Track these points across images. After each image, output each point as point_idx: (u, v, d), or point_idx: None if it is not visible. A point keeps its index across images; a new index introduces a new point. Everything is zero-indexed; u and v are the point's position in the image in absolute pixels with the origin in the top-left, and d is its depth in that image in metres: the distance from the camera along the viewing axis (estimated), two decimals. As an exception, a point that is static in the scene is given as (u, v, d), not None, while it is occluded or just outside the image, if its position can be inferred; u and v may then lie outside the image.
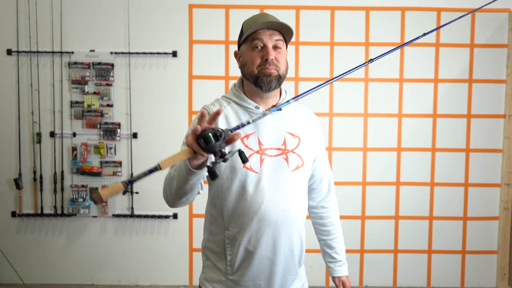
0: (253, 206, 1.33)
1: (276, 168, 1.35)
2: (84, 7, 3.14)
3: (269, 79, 1.34)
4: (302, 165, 1.40)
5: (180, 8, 3.14)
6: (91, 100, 3.14)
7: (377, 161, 3.21)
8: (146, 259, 3.25)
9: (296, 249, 1.41)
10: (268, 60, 1.34)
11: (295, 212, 1.38)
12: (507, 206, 3.19)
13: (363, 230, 3.24)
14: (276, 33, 1.37)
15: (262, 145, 1.36)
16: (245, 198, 1.34)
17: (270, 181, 1.34)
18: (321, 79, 3.16)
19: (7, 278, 3.22)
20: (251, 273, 1.37)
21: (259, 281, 1.38)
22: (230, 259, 1.38)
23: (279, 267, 1.38)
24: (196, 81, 3.18)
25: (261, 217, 1.33)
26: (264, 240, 1.34)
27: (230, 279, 1.39)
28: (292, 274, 1.43)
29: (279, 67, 1.36)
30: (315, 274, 3.10)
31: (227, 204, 1.37)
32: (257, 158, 1.34)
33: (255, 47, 1.36)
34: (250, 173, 1.33)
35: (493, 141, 3.22)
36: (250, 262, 1.36)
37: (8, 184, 3.20)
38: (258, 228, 1.33)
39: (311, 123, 1.49)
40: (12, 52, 3.12)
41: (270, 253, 1.36)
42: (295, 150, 1.39)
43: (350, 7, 3.15)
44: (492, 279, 3.28)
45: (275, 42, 1.36)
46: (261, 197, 1.33)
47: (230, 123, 1.36)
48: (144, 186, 3.15)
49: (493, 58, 3.17)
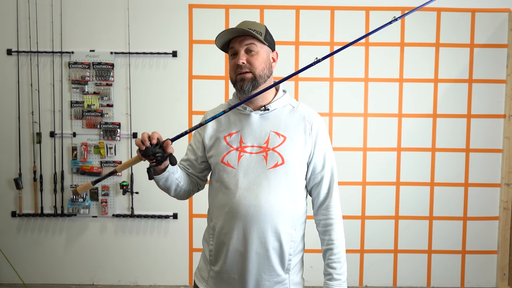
0: (227, 199, 1.41)
1: (253, 165, 1.41)
2: (84, 7, 3.14)
3: (242, 83, 1.44)
4: (282, 163, 1.40)
5: (180, 8, 3.14)
6: (91, 100, 3.14)
7: (377, 161, 3.21)
8: (146, 259, 3.25)
9: (272, 249, 1.40)
10: (239, 64, 1.43)
11: (271, 209, 1.38)
12: (507, 206, 3.19)
13: (363, 230, 3.24)
14: (248, 38, 1.44)
15: (243, 143, 1.44)
16: (222, 191, 1.44)
17: (245, 176, 1.40)
18: (321, 79, 3.16)
19: (7, 278, 3.22)
20: (226, 265, 1.43)
21: (233, 274, 1.43)
22: (211, 248, 1.47)
23: (252, 264, 1.40)
24: (196, 81, 3.18)
25: (233, 209, 1.40)
26: (235, 233, 1.40)
27: (213, 269, 1.48)
28: (270, 274, 1.42)
29: (254, 68, 1.43)
30: (315, 274, 3.08)
31: (211, 196, 1.51)
32: (235, 155, 1.43)
33: (231, 55, 1.48)
34: (227, 168, 1.43)
35: (493, 141, 3.22)
36: (225, 254, 1.43)
37: (8, 184, 3.20)
38: (230, 219, 1.41)
39: (307, 124, 1.47)
40: (12, 52, 3.12)
41: (241, 247, 1.40)
42: (276, 148, 1.41)
43: (350, 7, 3.15)
44: (492, 279, 3.28)
45: (247, 46, 1.44)
46: (235, 190, 1.40)
47: (219, 124, 1.50)
48: (144, 186, 3.15)
49: (493, 58, 3.17)
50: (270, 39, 1.50)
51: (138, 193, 3.17)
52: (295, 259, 1.46)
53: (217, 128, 1.49)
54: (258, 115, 1.46)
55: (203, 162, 1.55)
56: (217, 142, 1.47)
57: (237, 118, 1.48)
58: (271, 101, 1.48)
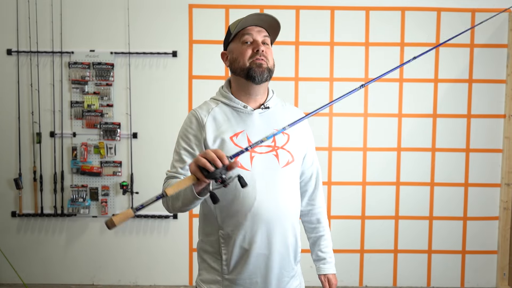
0: (246, 204, 1.34)
1: (266, 165, 1.37)
2: (84, 7, 3.14)
3: (261, 69, 1.38)
4: (292, 161, 1.41)
5: (180, 8, 3.14)
6: (91, 100, 3.14)
7: (377, 161, 3.21)
8: (146, 259, 3.25)
9: (291, 246, 1.41)
10: (259, 51, 1.38)
11: (288, 208, 1.39)
12: (507, 206, 3.19)
13: (363, 230, 3.24)
14: (264, 31, 1.44)
15: (251, 143, 1.33)
16: (237, 196, 1.34)
17: (262, 177, 1.35)
18: (321, 79, 3.16)
19: (7, 278, 3.22)
20: (248, 271, 1.37)
21: (255, 278, 1.38)
22: (226, 258, 1.39)
23: (275, 264, 1.39)
24: (196, 81, 3.18)
25: (254, 214, 1.33)
26: (258, 237, 1.35)
27: (227, 278, 1.39)
28: (288, 270, 1.43)
29: (268, 61, 1.41)
30: (315, 274, 3.08)
31: (221, 203, 1.35)
32: (247, 156, 1.35)
33: (245, 42, 1.41)
34: (241, 171, 1.33)
35: (493, 141, 3.22)
36: (246, 260, 1.36)
37: (8, 184, 3.20)
38: (252, 225, 1.34)
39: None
40: (12, 52, 3.12)
41: (265, 250, 1.36)
42: (285, 146, 1.41)
43: (350, 7, 3.15)
44: (492, 279, 3.28)
45: (264, 38, 1.43)
46: (254, 193, 1.33)
47: (218, 124, 1.39)
48: (144, 186, 3.15)
49: (493, 58, 3.17)
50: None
51: (138, 193, 3.17)
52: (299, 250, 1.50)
53: (217, 128, 1.39)
54: (259, 113, 1.43)
55: None
56: (222, 143, 1.36)
57: (238, 117, 1.41)
58: (267, 100, 1.47)
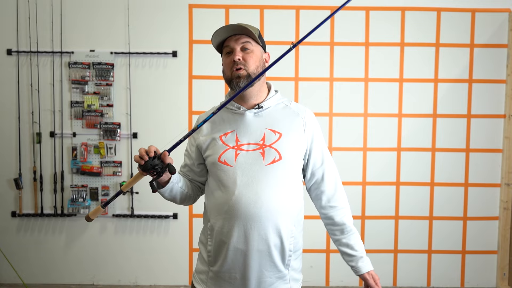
0: (226, 197, 1.40)
1: (250, 162, 1.41)
2: (84, 7, 3.14)
3: (238, 80, 1.44)
4: (280, 159, 1.42)
5: (180, 8, 3.14)
6: (91, 100, 3.14)
7: (377, 161, 3.21)
8: (146, 259, 3.25)
9: (274, 245, 1.40)
10: (235, 60, 1.44)
11: (271, 205, 1.39)
12: (507, 206, 3.19)
13: (363, 230, 3.24)
14: (243, 36, 1.47)
15: (239, 142, 1.45)
16: (220, 189, 1.43)
17: (243, 174, 1.40)
18: (321, 79, 3.16)
19: (7, 278, 3.22)
20: (227, 264, 1.42)
21: (234, 273, 1.43)
22: (210, 249, 1.46)
23: (254, 262, 1.40)
24: (196, 81, 3.18)
25: (232, 207, 1.39)
26: (235, 231, 1.39)
27: (212, 270, 1.47)
28: (271, 270, 1.43)
29: (248, 66, 1.45)
30: (315, 274, 3.09)
31: (208, 196, 1.50)
32: (232, 153, 1.43)
33: (227, 53, 1.48)
34: (224, 166, 1.43)
35: (493, 141, 3.22)
36: (226, 253, 1.41)
37: (8, 184, 3.20)
38: (230, 218, 1.39)
39: (301, 121, 1.50)
40: (12, 52, 3.13)
41: (242, 245, 1.39)
42: (273, 145, 1.43)
43: (350, 7, 3.14)
44: (492, 279, 3.28)
45: (243, 44, 1.46)
46: (233, 188, 1.40)
47: (214, 125, 1.50)
48: (144, 186, 3.15)
49: (493, 58, 3.17)
50: (262, 41, 1.55)
51: (138, 193, 3.17)
52: (295, 255, 1.47)
53: (211, 129, 1.50)
54: (253, 113, 1.48)
55: (199, 165, 1.55)
56: (213, 142, 1.47)
57: (231, 118, 1.49)
58: (264, 100, 1.51)
